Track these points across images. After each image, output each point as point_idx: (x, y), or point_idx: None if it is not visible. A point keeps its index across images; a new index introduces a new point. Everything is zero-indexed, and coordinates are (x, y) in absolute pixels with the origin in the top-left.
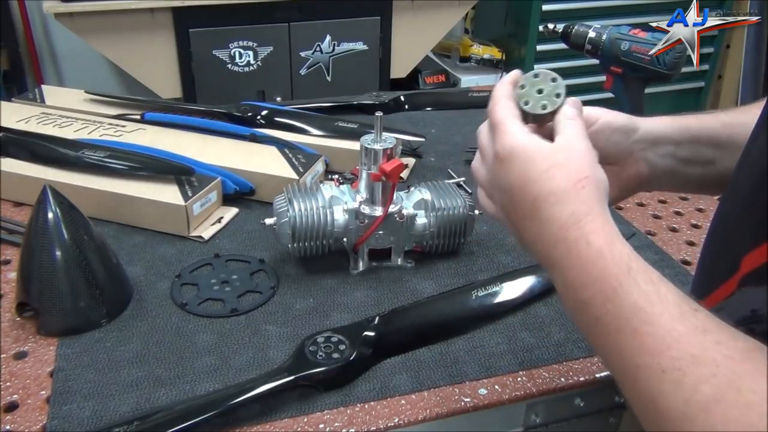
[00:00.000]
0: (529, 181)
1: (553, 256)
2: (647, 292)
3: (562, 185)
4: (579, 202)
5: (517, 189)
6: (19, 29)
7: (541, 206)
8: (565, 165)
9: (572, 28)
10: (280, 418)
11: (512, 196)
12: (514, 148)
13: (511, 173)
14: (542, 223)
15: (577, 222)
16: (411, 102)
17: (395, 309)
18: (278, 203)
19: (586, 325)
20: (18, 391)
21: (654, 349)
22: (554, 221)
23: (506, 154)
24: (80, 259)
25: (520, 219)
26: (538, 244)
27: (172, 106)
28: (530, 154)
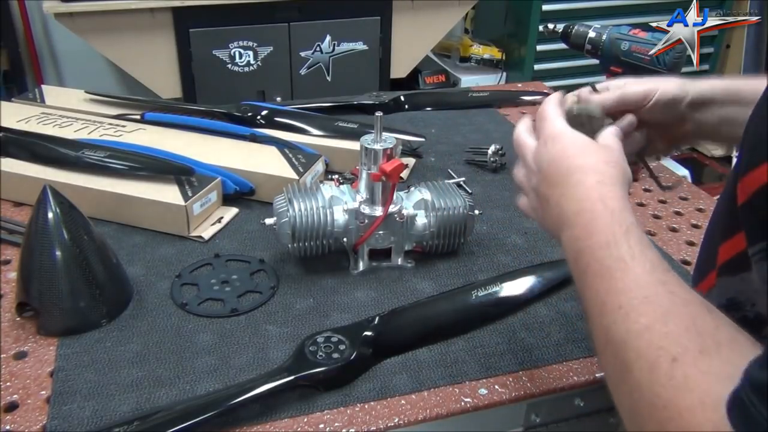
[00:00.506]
0: (566, 156)
1: (569, 213)
2: (634, 249)
3: (593, 162)
4: (607, 176)
5: (555, 163)
6: (19, 29)
7: (572, 174)
8: (600, 151)
9: (572, 28)
10: (280, 418)
11: (548, 169)
12: (561, 133)
13: (553, 150)
14: (569, 187)
15: (600, 187)
16: (411, 102)
17: (395, 309)
18: (278, 203)
19: (577, 271)
20: (18, 391)
21: (619, 289)
22: (581, 185)
23: (553, 136)
24: (80, 259)
25: (550, 187)
26: (560, 206)
27: (172, 106)
28: (573, 138)
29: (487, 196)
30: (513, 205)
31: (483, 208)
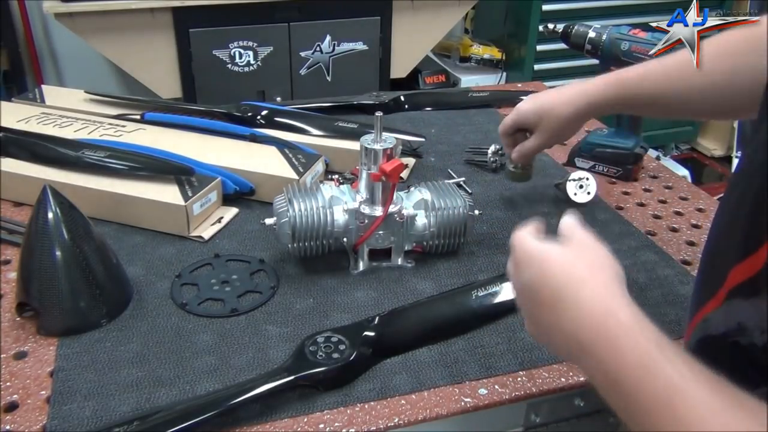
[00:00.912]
0: (547, 275)
1: (580, 337)
2: (680, 367)
3: (580, 272)
4: (600, 285)
5: (537, 284)
6: (19, 29)
7: (562, 293)
8: (580, 256)
9: (572, 28)
10: (280, 418)
11: (532, 291)
12: (530, 252)
13: (529, 272)
14: (566, 307)
15: (601, 301)
16: (411, 102)
17: (395, 309)
18: (278, 203)
19: (618, 401)
20: (18, 391)
21: (692, 422)
22: (579, 304)
23: (523, 258)
24: (80, 259)
25: (542, 311)
26: (563, 330)
27: (172, 106)
28: (545, 253)
29: (487, 196)
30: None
31: (483, 208)
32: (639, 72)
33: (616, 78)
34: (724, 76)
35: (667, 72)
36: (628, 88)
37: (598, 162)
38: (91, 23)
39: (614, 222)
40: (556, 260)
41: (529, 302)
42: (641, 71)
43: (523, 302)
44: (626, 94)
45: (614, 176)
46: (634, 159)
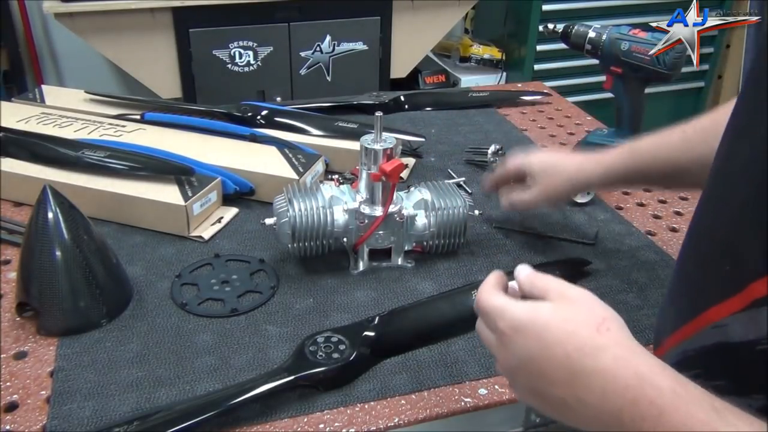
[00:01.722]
0: (550, 346)
1: (614, 410)
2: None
3: (587, 335)
4: (618, 346)
5: (539, 358)
6: (19, 29)
7: (578, 365)
8: (579, 314)
9: (572, 28)
10: (280, 418)
11: (532, 366)
12: (518, 320)
13: (524, 344)
14: (587, 381)
15: (627, 367)
16: (411, 102)
17: (395, 309)
18: (278, 203)
19: None
20: (18, 391)
21: None
22: (603, 375)
23: (513, 331)
24: (80, 259)
25: (553, 387)
26: (588, 404)
27: (172, 106)
28: (538, 319)
29: (487, 196)
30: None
31: (483, 208)
32: (655, 140)
33: (630, 147)
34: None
35: (687, 138)
36: (643, 156)
37: None
38: (91, 23)
39: (614, 222)
40: (556, 326)
41: (530, 378)
42: (657, 139)
43: (520, 379)
44: (641, 162)
45: None
46: None
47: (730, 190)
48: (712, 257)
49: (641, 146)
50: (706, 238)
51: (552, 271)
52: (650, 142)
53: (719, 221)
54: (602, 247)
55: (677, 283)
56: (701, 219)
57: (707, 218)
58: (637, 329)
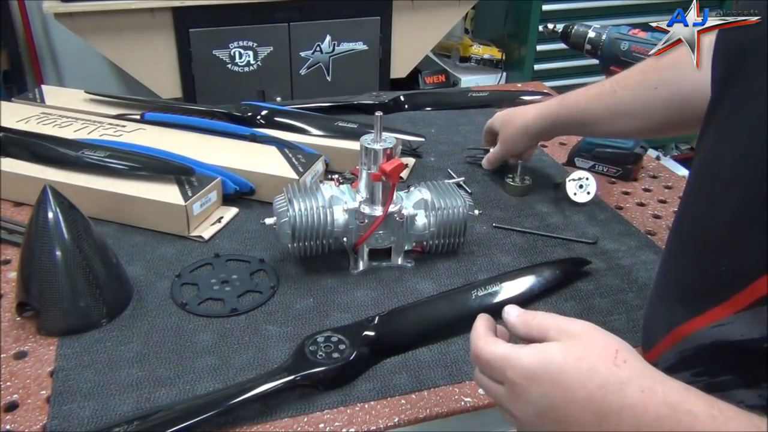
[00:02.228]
0: (569, 389)
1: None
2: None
3: (607, 371)
4: (638, 377)
5: (560, 402)
6: (19, 29)
7: (604, 404)
8: (590, 352)
9: (572, 28)
10: (280, 417)
11: (554, 413)
12: (529, 368)
13: (540, 392)
14: (618, 419)
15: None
16: (411, 102)
17: (395, 309)
18: (278, 203)
19: None
20: (18, 391)
21: None
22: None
23: (525, 380)
24: (80, 259)
25: (579, 428)
26: None
27: (172, 106)
28: (551, 363)
29: (487, 196)
30: None
31: (483, 208)
32: (580, 91)
33: (561, 98)
34: (646, 91)
35: (602, 90)
36: (567, 106)
37: (598, 162)
38: (91, 23)
39: (614, 222)
40: (572, 367)
41: (554, 426)
42: (582, 90)
43: (542, 428)
44: (564, 113)
45: (614, 176)
46: (634, 159)
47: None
48: (706, 257)
49: (569, 96)
50: (697, 240)
51: (552, 270)
52: (576, 93)
53: (711, 223)
54: (602, 247)
55: (665, 285)
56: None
57: (697, 218)
58: (637, 329)
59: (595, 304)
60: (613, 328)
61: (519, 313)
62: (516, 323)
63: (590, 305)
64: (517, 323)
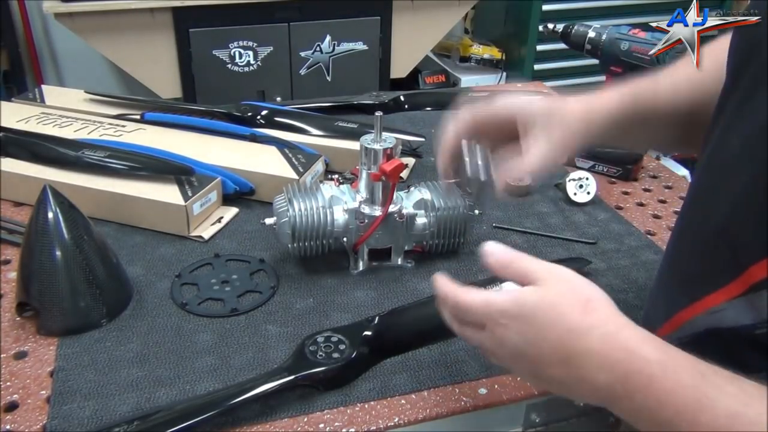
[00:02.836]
0: (542, 329)
1: (608, 385)
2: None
3: (576, 317)
4: (602, 324)
5: (534, 343)
6: (19, 29)
7: (570, 346)
8: (563, 298)
9: (572, 28)
10: (280, 417)
11: (529, 352)
12: (504, 309)
13: (516, 332)
14: (581, 362)
15: (616, 343)
16: (411, 102)
17: (395, 309)
18: (278, 203)
19: None
20: (18, 391)
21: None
22: (594, 354)
23: (506, 318)
24: (80, 259)
25: (551, 369)
26: (585, 380)
27: (172, 106)
28: (526, 305)
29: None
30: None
31: (483, 208)
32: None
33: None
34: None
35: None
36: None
37: (598, 161)
38: (91, 23)
39: (614, 222)
40: (545, 311)
41: (528, 363)
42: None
43: (520, 365)
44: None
45: (614, 176)
46: (634, 159)
47: (722, 180)
48: (706, 245)
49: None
50: (699, 227)
51: None
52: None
53: (713, 210)
54: (602, 247)
55: (667, 273)
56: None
57: (699, 209)
58: None
59: None
60: None
61: (498, 256)
62: (495, 267)
63: None
64: (496, 267)
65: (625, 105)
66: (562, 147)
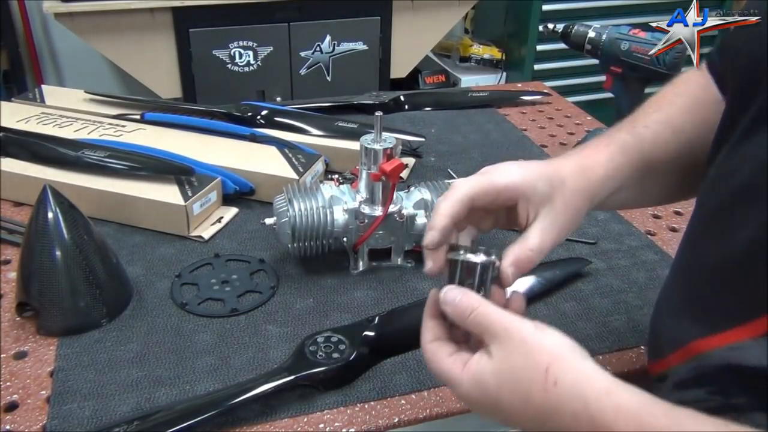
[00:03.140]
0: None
1: None
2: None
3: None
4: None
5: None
6: (19, 29)
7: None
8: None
9: (572, 28)
10: (280, 417)
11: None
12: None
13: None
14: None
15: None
16: (411, 102)
17: (395, 309)
18: (278, 203)
19: None
20: (18, 391)
21: None
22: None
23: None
24: (80, 259)
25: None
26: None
27: (172, 106)
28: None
29: None
30: None
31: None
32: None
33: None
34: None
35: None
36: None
37: None
38: (91, 23)
39: (614, 222)
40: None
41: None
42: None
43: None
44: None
45: None
46: None
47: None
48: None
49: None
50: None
51: (552, 270)
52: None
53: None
54: (602, 247)
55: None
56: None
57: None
58: (637, 329)
59: (595, 304)
60: (613, 328)
61: (455, 306)
62: (453, 318)
63: (590, 305)
64: (455, 319)
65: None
66: (568, 228)
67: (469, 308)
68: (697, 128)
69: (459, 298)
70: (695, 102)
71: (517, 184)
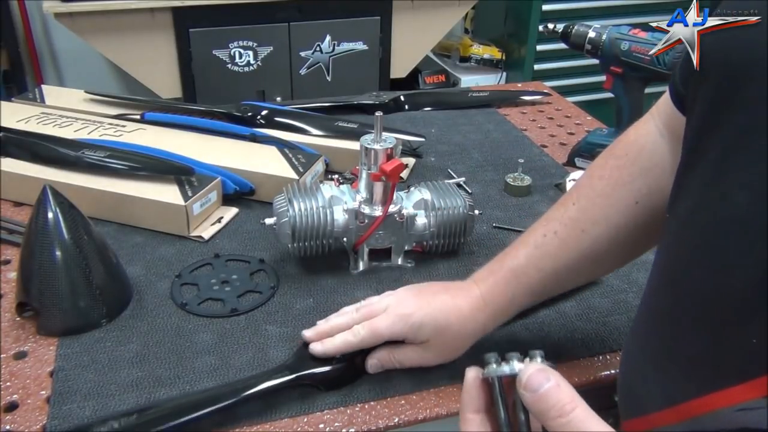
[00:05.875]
0: None
1: None
2: None
3: None
4: None
5: None
6: (19, 29)
7: None
8: None
9: (572, 28)
10: (280, 417)
11: None
12: None
13: None
14: None
15: None
16: (411, 102)
17: None
18: (278, 203)
19: None
20: (18, 391)
21: None
22: None
23: None
24: (80, 259)
25: None
26: None
27: (172, 106)
28: None
29: (487, 196)
30: None
31: (483, 208)
32: (529, 253)
33: (509, 271)
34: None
35: (562, 239)
36: (530, 275)
37: None
38: (91, 23)
39: None
40: None
41: None
42: (532, 252)
43: None
44: (527, 284)
45: None
46: None
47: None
48: (724, 325)
49: (518, 266)
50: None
51: None
52: (523, 258)
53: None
54: None
55: (662, 348)
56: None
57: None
58: None
59: (595, 304)
60: (613, 328)
61: (534, 391)
62: (529, 403)
63: (590, 305)
64: (530, 403)
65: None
66: (442, 359)
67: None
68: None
69: (537, 386)
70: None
71: (405, 333)
